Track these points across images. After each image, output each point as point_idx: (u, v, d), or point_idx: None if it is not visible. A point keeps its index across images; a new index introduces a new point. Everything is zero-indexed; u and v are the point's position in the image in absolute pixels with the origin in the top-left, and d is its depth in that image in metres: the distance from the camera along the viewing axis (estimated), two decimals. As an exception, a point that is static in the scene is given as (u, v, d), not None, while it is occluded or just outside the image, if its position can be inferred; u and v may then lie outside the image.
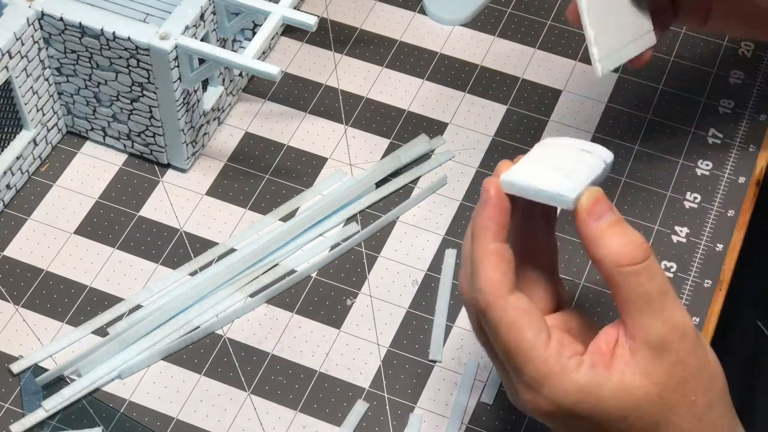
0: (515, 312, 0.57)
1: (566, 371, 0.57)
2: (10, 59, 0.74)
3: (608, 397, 0.56)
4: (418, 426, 0.71)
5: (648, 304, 0.56)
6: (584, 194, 0.57)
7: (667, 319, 0.56)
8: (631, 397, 0.56)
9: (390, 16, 0.91)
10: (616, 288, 0.57)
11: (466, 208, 0.80)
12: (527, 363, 0.57)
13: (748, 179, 0.82)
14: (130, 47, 0.74)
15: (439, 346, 0.74)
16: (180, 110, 0.77)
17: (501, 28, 0.90)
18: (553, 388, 0.57)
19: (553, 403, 0.57)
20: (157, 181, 0.81)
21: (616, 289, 0.57)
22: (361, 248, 0.78)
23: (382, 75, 0.87)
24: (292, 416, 0.71)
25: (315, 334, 0.75)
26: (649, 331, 0.56)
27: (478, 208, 0.59)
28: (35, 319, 0.75)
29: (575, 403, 0.57)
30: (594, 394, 0.56)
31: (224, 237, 0.79)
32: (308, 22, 0.76)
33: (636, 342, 0.57)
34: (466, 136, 0.84)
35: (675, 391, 0.57)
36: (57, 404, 0.71)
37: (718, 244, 0.79)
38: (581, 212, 0.57)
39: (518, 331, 0.57)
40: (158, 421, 0.71)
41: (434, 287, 0.77)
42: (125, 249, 0.78)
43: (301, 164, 0.82)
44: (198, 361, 0.73)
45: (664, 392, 0.57)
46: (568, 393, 0.57)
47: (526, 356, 0.57)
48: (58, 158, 0.82)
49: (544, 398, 0.57)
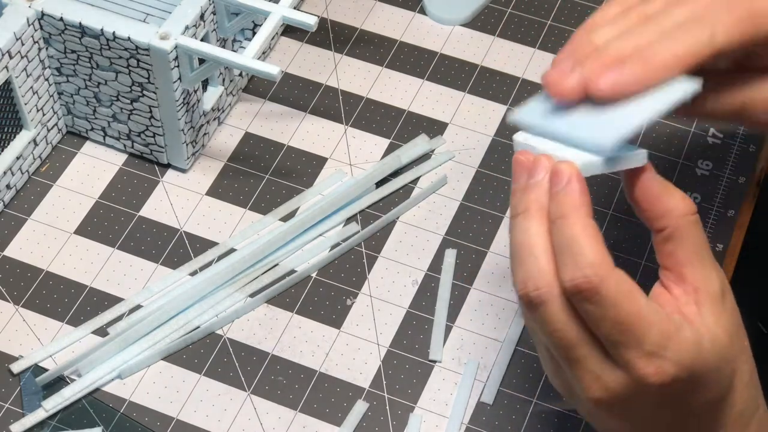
0: (627, 282, 0.55)
1: (680, 329, 0.55)
2: (10, 59, 0.74)
3: (708, 349, 0.56)
4: (418, 426, 0.71)
5: (708, 252, 0.56)
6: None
7: (719, 269, 0.57)
8: (719, 347, 0.56)
9: (390, 16, 0.91)
10: (681, 240, 0.56)
11: (466, 208, 0.80)
12: (650, 328, 0.54)
13: (748, 179, 0.82)
14: (130, 47, 0.74)
15: (439, 346, 0.74)
16: (180, 110, 0.77)
17: (501, 28, 0.90)
18: (678, 346, 0.55)
19: (678, 363, 0.55)
20: (157, 181, 0.81)
21: (682, 241, 0.56)
22: (361, 248, 0.78)
23: (382, 75, 0.87)
24: (292, 416, 0.71)
25: (315, 334, 0.75)
26: (712, 280, 0.56)
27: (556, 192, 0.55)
28: (35, 319, 0.75)
29: (694, 359, 0.55)
30: (700, 347, 0.55)
31: (224, 237, 0.79)
32: (308, 22, 0.76)
33: (700, 294, 0.56)
34: (466, 136, 0.84)
35: (737, 335, 0.57)
36: (57, 404, 0.71)
37: (718, 244, 0.79)
38: (648, 170, 0.57)
39: (636, 298, 0.54)
40: (158, 421, 0.71)
41: (434, 287, 0.77)
42: (125, 249, 0.78)
43: (301, 164, 0.82)
44: (198, 361, 0.73)
45: (734, 338, 0.57)
46: (687, 350, 0.55)
47: (649, 322, 0.54)
48: (58, 158, 0.82)
49: (669, 361, 0.55)
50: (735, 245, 0.79)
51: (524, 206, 0.56)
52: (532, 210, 0.56)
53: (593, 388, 0.56)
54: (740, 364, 0.58)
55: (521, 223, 0.56)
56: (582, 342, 0.56)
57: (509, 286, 0.77)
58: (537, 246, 0.55)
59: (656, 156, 0.83)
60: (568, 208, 0.55)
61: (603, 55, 0.58)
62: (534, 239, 0.55)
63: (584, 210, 0.55)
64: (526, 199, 0.56)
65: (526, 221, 0.56)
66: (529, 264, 0.55)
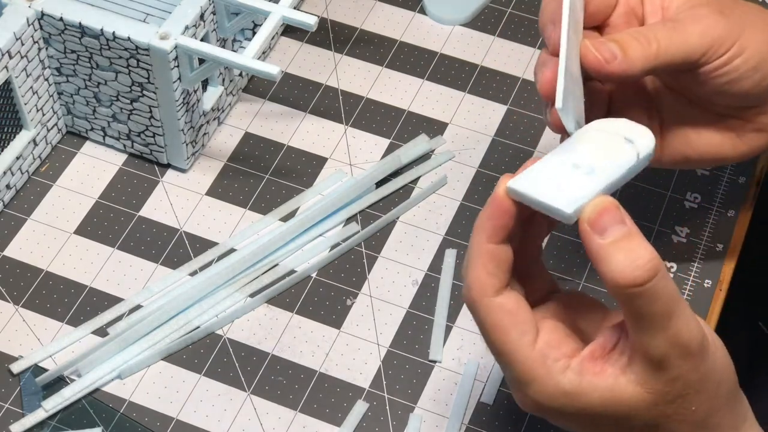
0: (499, 313, 0.57)
1: (551, 375, 0.56)
2: (10, 59, 0.74)
3: (597, 403, 0.56)
4: (418, 426, 0.71)
5: (651, 324, 0.54)
6: (588, 205, 0.55)
7: (670, 338, 0.55)
8: (623, 404, 0.56)
9: (390, 16, 0.91)
10: (618, 304, 0.55)
11: (466, 208, 0.80)
12: (512, 364, 0.57)
13: (748, 179, 0.82)
14: (130, 47, 0.74)
15: (439, 346, 0.74)
16: (180, 110, 0.77)
17: (501, 28, 0.90)
18: (537, 389, 0.57)
19: (537, 404, 0.57)
20: (157, 181, 0.81)
21: (621, 306, 0.55)
22: (361, 248, 0.78)
23: (382, 75, 0.87)
24: (292, 416, 0.71)
25: (315, 334, 0.75)
26: (648, 348, 0.55)
27: (485, 206, 0.58)
28: (35, 319, 0.75)
29: (562, 405, 0.57)
30: (580, 400, 0.56)
31: (224, 237, 0.79)
32: (308, 22, 0.76)
33: (635, 354, 0.56)
34: (466, 136, 0.84)
35: (672, 402, 0.56)
36: (57, 404, 0.71)
37: (718, 244, 0.79)
38: (583, 225, 0.54)
39: (502, 332, 0.57)
40: (158, 421, 0.71)
41: (434, 287, 0.77)
42: (125, 249, 0.78)
43: (301, 164, 0.82)
44: (198, 361, 0.73)
45: (659, 402, 0.56)
46: (552, 397, 0.56)
47: (510, 357, 0.57)
48: (58, 158, 0.82)
49: (529, 398, 0.57)
50: (735, 245, 0.79)
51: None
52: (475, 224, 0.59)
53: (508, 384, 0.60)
54: (672, 425, 0.57)
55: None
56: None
57: (509, 286, 0.77)
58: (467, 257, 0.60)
59: (656, 156, 0.83)
60: (475, 228, 0.58)
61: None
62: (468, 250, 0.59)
63: (484, 234, 0.57)
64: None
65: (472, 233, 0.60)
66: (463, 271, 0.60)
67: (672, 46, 0.63)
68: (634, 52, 0.62)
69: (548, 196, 0.55)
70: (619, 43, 0.62)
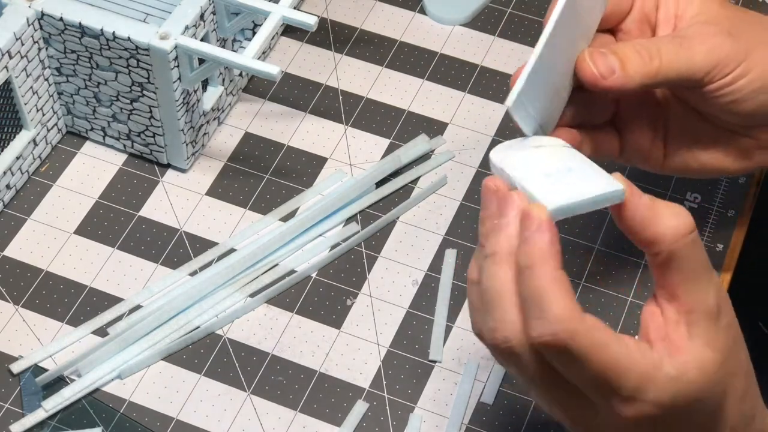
0: (599, 330, 0.53)
1: (658, 368, 0.54)
2: (10, 59, 0.74)
3: (692, 380, 0.54)
4: (418, 426, 0.71)
5: (706, 271, 0.55)
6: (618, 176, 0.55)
7: (717, 284, 0.55)
8: (706, 373, 0.55)
9: (390, 16, 0.91)
10: (676, 263, 0.54)
11: (466, 208, 0.80)
12: (626, 374, 0.53)
13: (748, 179, 0.82)
14: (130, 47, 0.74)
15: (439, 346, 0.74)
16: (180, 110, 0.77)
17: (501, 28, 0.90)
18: (655, 387, 0.54)
19: (658, 404, 0.54)
20: (157, 181, 0.81)
21: (677, 264, 0.54)
22: (361, 248, 0.78)
23: (382, 75, 0.87)
24: (292, 416, 0.71)
25: (315, 334, 0.75)
26: (707, 299, 0.54)
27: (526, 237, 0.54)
28: (35, 319, 0.75)
29: (674, 395, 0.54)
30: (683, 381, 0.54)
31: (224, 237, 0.79)
32: (308, 22, 0.76)
33: (693, 314, 0.55)
34: (466, 136, 0.84)
35: (732, 353, 0.56)
36: (57, 404, 0.71)
37: (718, 244, 0.79)
38: (631, 195, 0.55)
39: (608, 346, 0.53)
40: (158, 421, 0.71)
41: (434, 287, 0.77)
42: (125, 249, 0.78)
43: (301, 164, 0.82)
44: (198, 361, 0.73)
45: (727, 358, 0.55)
46: (666, 389, 0.54)
47: (624, 368, 0.53)
48: (58, 158, 0.82)
49: (649, 403, 0.54)
50: (735, 245, 0.79)
51: (492, 248, 0.55)
52: (501, 254, 0.55)
53: (573, 424, 0.56)
54: (734, 382, 0.57)
55: (490, 268, 0.55)
56: (558, 388, 0.55)
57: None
58: (505, 295, 0.54)
59: (656, 156, 0.83)
60: (536, 259, 0.53)
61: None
62: (502, 287, 0.54)
63: (553, 261, 0.53)
64: (495, 241, 0.55)
65: (495, 266, 0.55)
66: (498, 314, 0.54)
67: (675, 63, 0.63)
68: (634, 67, 0.62)
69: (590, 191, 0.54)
70: (620, 56, 0.62)
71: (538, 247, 0.53)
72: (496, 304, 0.54)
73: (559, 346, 0.52)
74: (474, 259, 0.57)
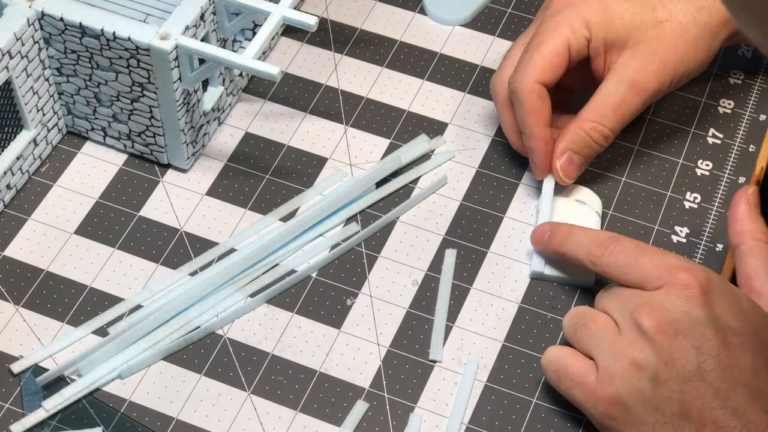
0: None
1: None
2: (11, 59, 0.74)
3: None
4: (418, 426, 0.71)
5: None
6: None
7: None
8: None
9: (390, 16, 0.91)
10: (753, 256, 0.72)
11: (466, 208, 0.80)
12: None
13: (748, 179, 0.82)
14: (131, 47, 0.74)
15: (439, 346, 0.74)
16: (180, 110, 0.77)
17: (501, 28, 0.90)
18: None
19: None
20: (157, 181, 0.81)
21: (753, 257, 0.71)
22: (361, 248, 0.78)
23: (382, 75, 0.87)
24: (292, 416, 0.71)
25: (315, 334, 0.75)
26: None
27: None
28: (35, 319, 0.75)
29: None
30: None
31: (224, 237, 0.79)
32: (308, 22, 0.76)
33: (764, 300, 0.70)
34: (466, 136, 0.84)
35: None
36: (57, 404, 0.71)
37: (718, 244, 0.79)
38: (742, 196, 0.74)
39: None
40: (158, 421, 0.71)
41: (434, 287, 0.77)
42: (125, 249, 0.78)
43: (301, 164, 0.82)
44: (198, 361, 0.73)
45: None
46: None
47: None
48: (58, 158, 0.82)
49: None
50: (735, 245, 0.79)
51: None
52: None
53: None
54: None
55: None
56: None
57: (509, 286, 0.77)
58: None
59: (657, 156, 0.83)
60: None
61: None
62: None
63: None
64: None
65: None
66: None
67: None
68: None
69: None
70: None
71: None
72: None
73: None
74: None
